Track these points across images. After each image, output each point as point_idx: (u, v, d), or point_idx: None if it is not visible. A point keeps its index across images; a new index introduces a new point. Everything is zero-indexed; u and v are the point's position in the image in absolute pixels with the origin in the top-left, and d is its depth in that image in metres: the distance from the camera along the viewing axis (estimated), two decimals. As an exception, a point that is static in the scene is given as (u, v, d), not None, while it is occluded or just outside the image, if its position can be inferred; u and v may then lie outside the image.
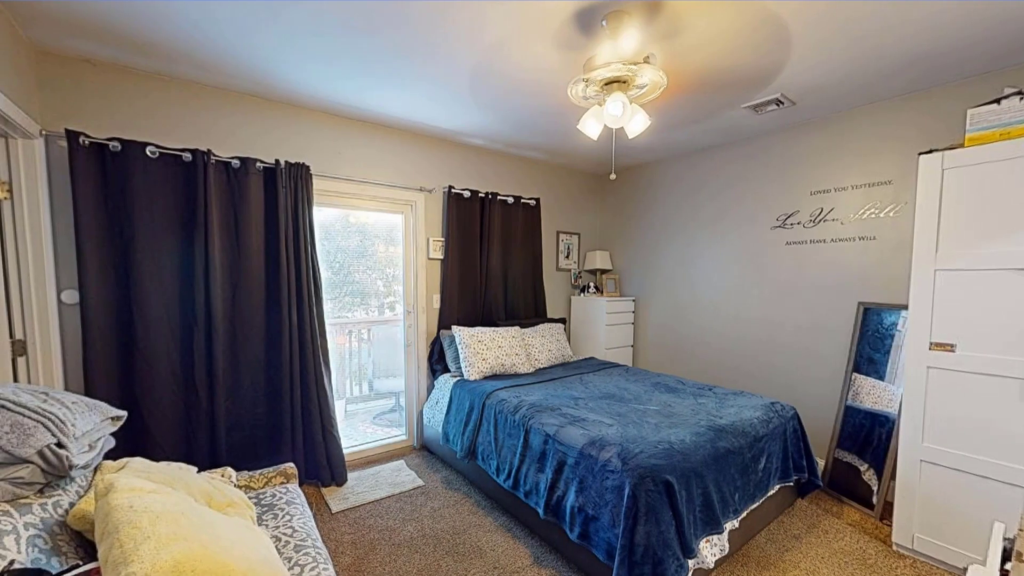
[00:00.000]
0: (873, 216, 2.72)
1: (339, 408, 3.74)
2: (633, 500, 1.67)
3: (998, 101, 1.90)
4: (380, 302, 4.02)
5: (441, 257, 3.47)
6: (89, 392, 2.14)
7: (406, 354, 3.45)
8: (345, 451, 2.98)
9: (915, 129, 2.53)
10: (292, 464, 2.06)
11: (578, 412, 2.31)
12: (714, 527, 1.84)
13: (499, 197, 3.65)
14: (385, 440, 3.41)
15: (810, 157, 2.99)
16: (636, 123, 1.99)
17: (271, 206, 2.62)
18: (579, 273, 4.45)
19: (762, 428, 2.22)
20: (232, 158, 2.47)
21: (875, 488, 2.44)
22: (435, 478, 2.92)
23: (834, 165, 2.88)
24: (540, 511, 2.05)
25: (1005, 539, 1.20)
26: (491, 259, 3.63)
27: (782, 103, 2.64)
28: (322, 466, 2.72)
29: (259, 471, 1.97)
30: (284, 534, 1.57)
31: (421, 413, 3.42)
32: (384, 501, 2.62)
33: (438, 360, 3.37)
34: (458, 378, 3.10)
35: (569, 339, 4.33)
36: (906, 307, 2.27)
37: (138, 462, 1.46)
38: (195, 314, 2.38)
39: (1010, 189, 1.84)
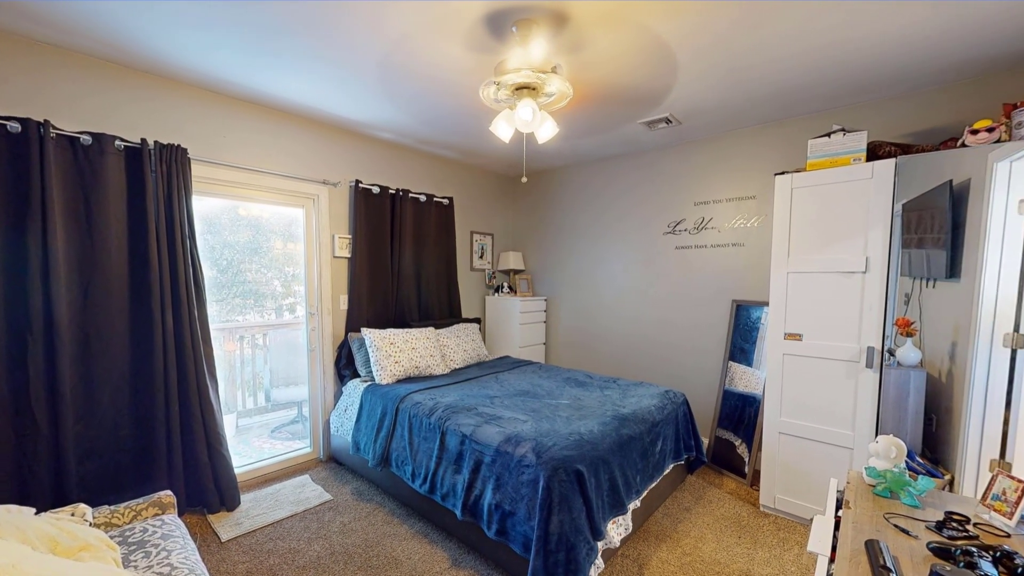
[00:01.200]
0: (743, 226, 3.16)
1: (229, 423, 3.33)
2: (547, 492, 1.74)
3: (828, 135, 2.33)
4: (278, 304, 3.65)
5: (348, 255, 3.27)
6: None
7: (310, 359, 3.19)
8: (237, 470, 2.66)
9: (774, 152, 2.99)
10: (169, 492, 1.78)
11: (494, 410, 2.34)
12: (620, 509, 2.00)
13: (411, 194, 3.55)
14: (286, 454, 3.11)
15: (694, 171, 3.38)
16: (545, 129, 2.08)
17: (137, 192, 2.24)
18: (493, 273, 4.50)
19: (658, 414, 2.45)
20: (81, 133, 2.07)
21: (747, 459, 2.85)
22: (345, 491, 2.74)
23: (713, 179, 3.29)
24: (458, 512, 2.03)
25: (838, 491, 1.47)
26: (403, 258, 3.51)
27: (671, 122, 2.94)
28: (208, 490, 2.39)
29: (124, 504, 1.68)
30: (160, 574, 1.35)
31: (328, 422, 3.19)
32: (286, 521, 2.39)
33: (346, 365, 3.17)
34: (369, 383, 2.94)
35: (484, 339, 4.36)
36: (767, 304, 2.68)
37: (-55, 511, 1.15)
38: (29, 320, 1.94)
39: (836, 207, 2.27)
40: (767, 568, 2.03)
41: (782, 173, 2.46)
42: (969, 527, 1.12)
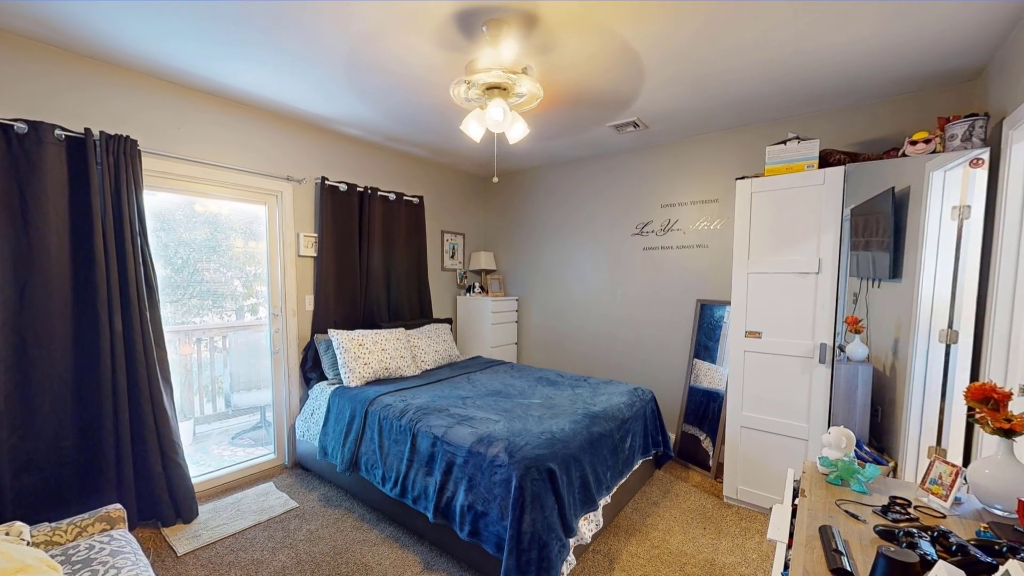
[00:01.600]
0: (706, 228, 3.28)
1: (186, 430, 3.16)
2: (520, 491, 1.75)
3: (784, 142, 2.45)
4: (238, 304, 3.49)
5: (314, 255, 3.18)
6: None
7: (273, 362, 3.07)
8: (195, 480, 2.54)
9: (735, 158, 3.12)
10: (118, 505, 1.68)
11: (466, 411, 2.33)
12: (591, 505, 2.03)
13: (380, 193, 3.48)
14: (248, 462, 2.98)
15: (661, 174, 3.48)
16: (516, 130, 2.09)
17: (80, 186, 2.09)
18: (464, 273, 4.48)
19: (628, 411, 2.51)
20: (15, 120, 1.91)
21: (711, 453, 2.95)
22: (311, 497, 2.65)
23: (678, 183, 3.40)
24: (430, 515, 2.01)
25: (794, 481, 1.55)
26: (372, 258, 3.44)
27: (639, 125, 3.01)
28: (162, 502, 2.26)
29: (67, 520, 1.56)
30: (109, 594, 1.27)
31: (293, 427, 3.08)
32: (249, 531, 2.29)
33: (312, 367, 3.08)
34: (337, 385, 2.87)
35: (456, 339, 4.33)
36: (729, 303, 2.79)
37: None
38: (-43, 325, 1.78)
39: (793, 211, 2.39)
40: (730, 557, 2.12)
41: (742, 178, 2.56)
42: (911, 510, 1.20)
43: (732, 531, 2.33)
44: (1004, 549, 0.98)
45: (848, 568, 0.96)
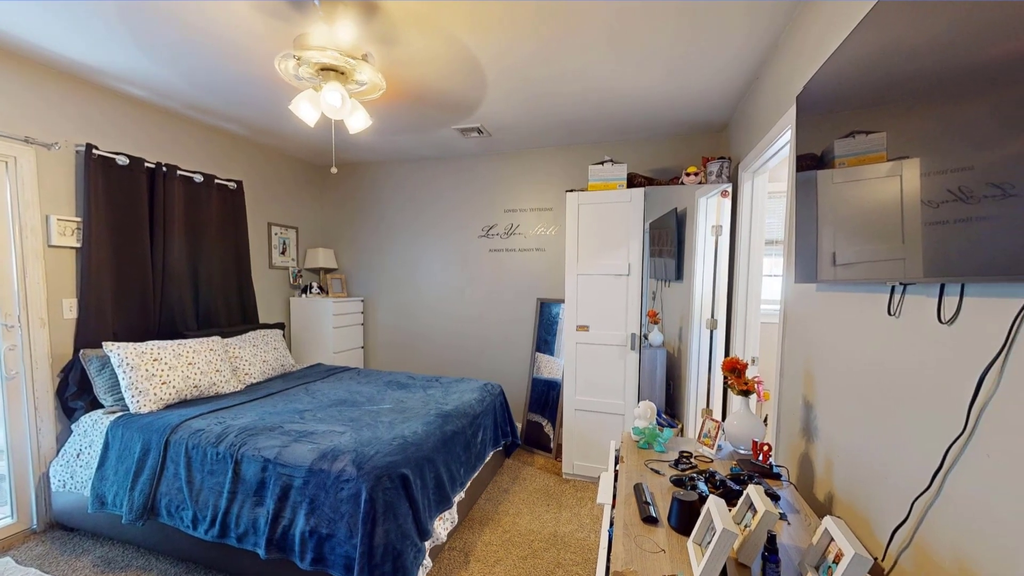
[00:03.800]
0: (543, 233, 3.62)
1: None
2: (371, 503, 1.66)
3: (602, 163, 2.88)
4: (-66, 316, 2.41)
5: (77, 245, 2.42)
6: None
7: (7, 392, 2.23)
8: None
9: (566, 172, 3.52)
10: None
11: (305, 426, 2.09)
12: (446, 504, 2.05)
13: (181, 172, 2.85)
14: (-44, 540, 2.10)
15: (504, 181, 3.71)
16: (357, 119, 1.98)
17: None
18: (299, 272, 3.99)
19: (479, 407, 2.61)
20: None
21: (552, 436, 3.29)
22: (81, 565, 2.02)
23: (520, 190, 3.67)
24: (261, 552, 1.74)
25: (616, 450, 1.85)
26: (171, 252, 2.79)
27: (482, 132, 3.15)
28: None
29: None
30: None
31: (46, 476, 2.29)
32: (-39, 639, 1.62)
33: (78, 393, 2.34)
34: (120, 414, 2.24)
35: (290, 346, 3.84)
36: (564, 301, 3.15)
37: None
38: None
39: (609, 222, 2.82)
40: (569, 526, 2.40)
41: (571, 190, 2.92)
42: (692, 460, 1.56)
43: (570, 503, 2.65)
44: (746, 478, 1.36)
45: (654, 515, 1.20)
